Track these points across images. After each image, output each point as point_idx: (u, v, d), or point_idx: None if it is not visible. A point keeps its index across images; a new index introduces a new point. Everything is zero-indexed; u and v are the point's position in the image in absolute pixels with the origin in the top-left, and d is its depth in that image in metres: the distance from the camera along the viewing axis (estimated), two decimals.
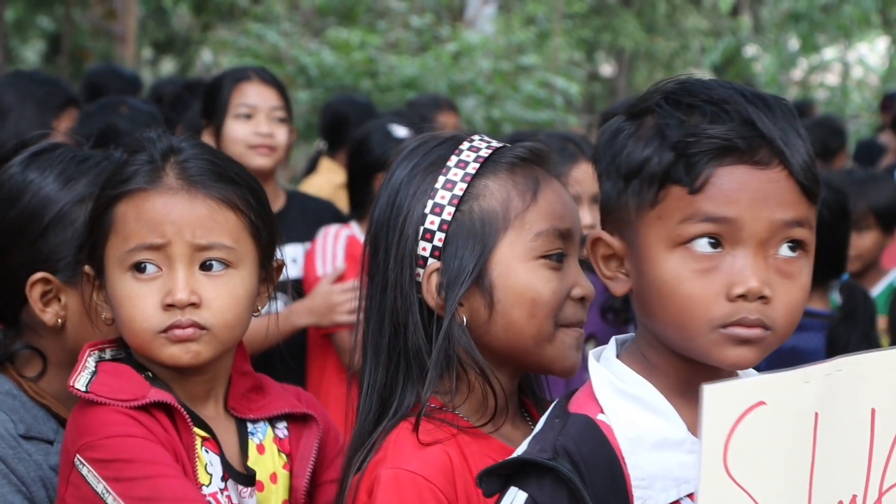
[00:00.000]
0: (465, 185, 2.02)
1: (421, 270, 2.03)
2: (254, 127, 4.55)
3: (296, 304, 4.23)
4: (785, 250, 1.75)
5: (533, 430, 2.04)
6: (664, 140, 1.75)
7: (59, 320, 2.26)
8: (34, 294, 2.25)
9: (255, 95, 4.60)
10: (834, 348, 3.88)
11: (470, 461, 1.95)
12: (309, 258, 4.52)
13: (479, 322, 2.01)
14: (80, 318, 2.24)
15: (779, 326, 1.74)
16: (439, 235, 2.01)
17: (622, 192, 1.79)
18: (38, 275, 2.25)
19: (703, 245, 1.73)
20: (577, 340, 2.03)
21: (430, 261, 2.02)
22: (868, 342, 3.94)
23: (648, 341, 1.83)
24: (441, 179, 2.03)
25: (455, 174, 2.03)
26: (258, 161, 4.52)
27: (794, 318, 1.76)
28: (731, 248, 1.73)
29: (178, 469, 2.01)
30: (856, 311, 4.02)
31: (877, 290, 4.91)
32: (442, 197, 2.02)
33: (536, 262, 2.00)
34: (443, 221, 2.01)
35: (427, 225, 2.02)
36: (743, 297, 1.71)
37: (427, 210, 2.02)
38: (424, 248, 2.02)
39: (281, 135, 4.58)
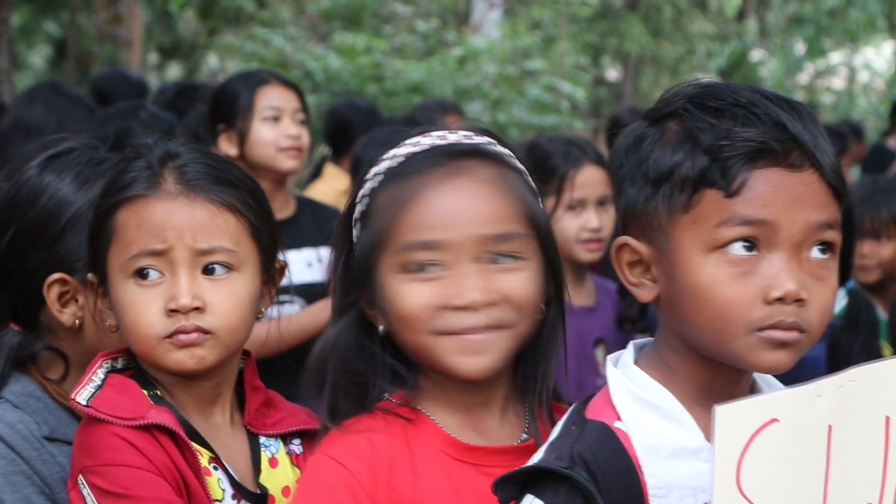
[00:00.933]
0: (365, 202, 2.04)
1: None
2: (282, 129, 4.49)
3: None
4: (816, 253, 1.76)
5: (525, 422, 2.05)
6: (696, 144, 1.75)
7: (77, 321, 2.26)
8: (52, 295, 2.26)
9: (280, 98, 4.55)
10: (836, 356, 3.88)
11: (415, 452, 1.97)
12: None
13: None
14: None
15: (813, 329, 1.75)
16: (344, 252, 2.07)
17: (650, 197, 1.79)
18: (56, 275, 2.26)
19: (738, 248, 1.73)
20: (462, 346, 1.97)
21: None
22: (869, 350, 3.94)
23: (672, 346, 1.83)
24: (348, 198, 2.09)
25: (361, 190, 2.06)
26: (288, 164, 4.49)
27: (826, 320, 1.77)
28: (767, 251, 1.73)
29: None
30: (858, 318, 4.02)
31: None
32: (346, 215, 2.07)
33: (401, 275, 1.98)
34: (345, 238, 2.06)
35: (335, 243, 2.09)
36: (780, 300, 1.71)
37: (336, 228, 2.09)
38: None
39: (306, 137, 4.55)
